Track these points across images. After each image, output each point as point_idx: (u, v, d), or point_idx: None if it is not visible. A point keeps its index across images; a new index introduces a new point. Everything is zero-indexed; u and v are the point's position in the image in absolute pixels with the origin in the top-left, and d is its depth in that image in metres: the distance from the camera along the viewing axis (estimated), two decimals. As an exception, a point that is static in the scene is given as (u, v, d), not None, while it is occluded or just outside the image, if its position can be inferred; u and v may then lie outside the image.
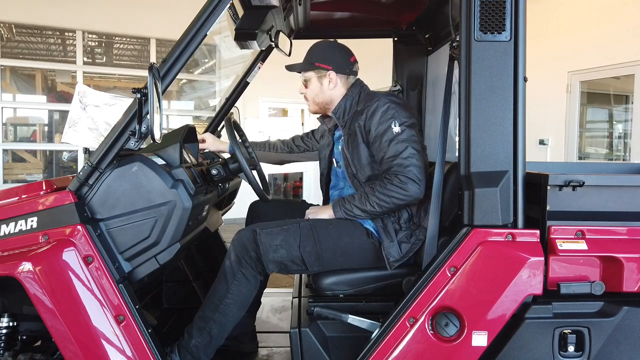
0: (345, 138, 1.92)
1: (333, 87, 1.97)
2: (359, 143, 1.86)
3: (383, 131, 1.78)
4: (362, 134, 1.85)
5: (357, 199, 1.81)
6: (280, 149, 2.45)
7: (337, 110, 1.98)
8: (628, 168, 2.34)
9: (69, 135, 2.42)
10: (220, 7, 1.54)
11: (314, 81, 1.99)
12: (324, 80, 1.97)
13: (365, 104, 1.87)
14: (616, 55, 5.64)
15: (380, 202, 1.75)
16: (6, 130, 7.38)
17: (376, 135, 1.80)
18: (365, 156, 1.86)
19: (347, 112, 1.96)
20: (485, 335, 1.50)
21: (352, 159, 1.89)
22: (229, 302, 1.76)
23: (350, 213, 1.82)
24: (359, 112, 1.88)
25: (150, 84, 1.40)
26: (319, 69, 1.97)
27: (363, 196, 1.79)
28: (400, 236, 1.79)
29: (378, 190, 1.75)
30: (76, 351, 1.50)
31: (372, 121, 1.80)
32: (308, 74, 2.00)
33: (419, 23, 2.38)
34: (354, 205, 1.81)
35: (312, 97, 2.02)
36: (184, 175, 1.63)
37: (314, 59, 1.98)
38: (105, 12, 7.03)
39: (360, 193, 1.82)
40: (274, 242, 1.75)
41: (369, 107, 1.83)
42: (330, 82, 1.97)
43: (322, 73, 1.97)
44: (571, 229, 1.56)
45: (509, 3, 1.52)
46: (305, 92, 2.05)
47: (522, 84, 1.53)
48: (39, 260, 1.49)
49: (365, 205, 1.78)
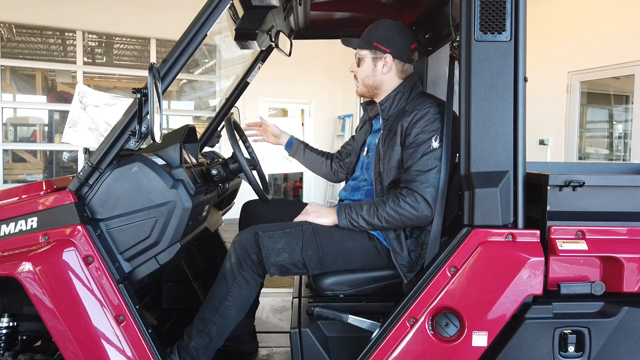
0: (384, 134, 1.84)
1: (387, 72, 1.87)
2: (396, 144, 1.77)
3: (422, 141, 1.70)
4: (401, 135, 1.76)
5: (365, 211, 1.73)
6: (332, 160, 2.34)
7: (384, 102, 1.88)
8: (628, 168, 2.34)
9: (69, 135, 2.42)
10: (220, 7, 1.54)
11: (367, 61, 1.88)
12: (379, 62, 1.87)
13: (415, 106, 1.77)
14: (616, 55, 5.63)
15: (389, 217, 1.69)
16: (6, 130, 7.38)
17: (413, 141, 1.72)
18: (397, 159, 1.77)
19: (394, 107, 1.87)
20: (486, 335, 1.50)
21: (383, 156, 1.81)
22: (229, 304, 1.75)
23: (355, 223, 1.75)
24: (405, 112, 1.79)
25: (150, 84, 1.40)
26: (377, 49, 1.86)
27: (372, 208, 1.72)
28: (409, 244, 1.75)
29: (390, 206, 1.68)
30: (76, 351, 1.50)
31: (415, 127, 1.72)
32: (363, 52, 1.88)
33: (419, 23, 2.38)
34: (360, 216, 1.74)
35: (362, 77, 1.91)
36: (184, 175, 1.63)
37: (373, 38, 1.86)
38: (105, 12, 7.03)
39: (369, 204, 1.74)
40: (276, 245, 1.74)
41: (418, 112, 1.74)
42: (385, 65, 1.86)
43: (379, 54, 1.86)
44: (571, 229, 1.56)
45: (509, 3, 1.52)
46: (355, 71, 1.93)
47: (522, 84, 1.53)
48: (39, 261, 1.49)
49: (373, 219, 1.71)
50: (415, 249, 1.75)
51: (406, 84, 1.89)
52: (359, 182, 2.01)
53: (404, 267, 1.72)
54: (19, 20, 6.92)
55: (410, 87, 1.89)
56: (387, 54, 1.86)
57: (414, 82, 1.92)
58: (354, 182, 2.03)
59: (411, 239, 1.76)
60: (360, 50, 1.90)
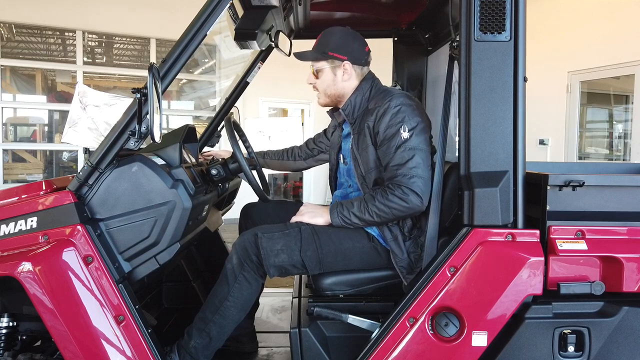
0: (355, 137, 1.83)
1: (347, 79, 1.85)
2: (368, 145, 1.76)
3: (391, 135, 1.69)
4: (371, 135, 1.75)
5: (356, 207, 1.73)
6: (297, 157, 2.37)
7: (346, 107, 1.86)
8: (628, 168, 2.34)
9: (69, 135, 2.41)
10: (220, 7, 1.54)
11: (326, 72, 1.86)
12: (338, 71, 1.85)
13: (377, 103, 1.76)
14: (616, 55, 5.64)
15: (380, 212, 1.68)
16: (6, 130, 7.38)
17: (384, 138, 1.71)
18: (373, 159, 1.77)
19: (357, 109, 1.85)
20: (485, 335, 1.50)
21: (361, 159, 1.80)
22: (230, 304, 1.75)
23: (347, 220, 1.75)
24: (369, 111, 1.78)
25: (150, 84, 1.40)
26: (334, 58, 1.84)
27: (362, 204, 1.72)
28: (408, 246, 1.75)
29: (379, 200, 1.68)
30: (76, 351, 1.50)
31: (382, 123, 1.71)
32: (320, 64, 1.86)
33: (419, 23, 2.38)
34: (352, 213, 1.74)
35: (323, 88, 1.89)
36: (183, 175, 1.63)
37: (328, 48, 1.83)
38: (105, 12, 7.03)
39: (359, 200, 1.74)
40: (275, 246, 1.74)
41: (380, 107, 1.73)
42: (345, 73, 1.84)
43: (337, 63, 1.84)
44: (571, 229, 1.56)
45: (509, 3, 1.52)
46: (314, 83, 1.91)
47: (522, 84, 1.53)
48: (39, 260, 1.49)
49: (364, 214, 1.71)
50: (414, 250, 1.75)
51: (364, 84, 1.88)
52: (345, 190, 2.01)
53: (403, 269, 1.72)
54: (19, 20, 6.92)
55: (370, 86, 1.88)
56: (346, 61, 1.84)
57: (372, 80, 1.90)
58: (340, 191, 2.03)
59: (410, 241, 1.76)
60: (317, 62, 1.87)
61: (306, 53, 1.88)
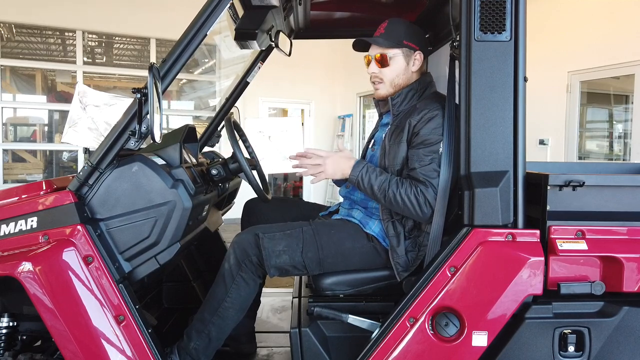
0: (392, 129, 1.82)
1: (416, 69, 1.86)
2: (402, 141, 1.75)
3: (430, 143, 1.68)
4: (408, 132, 1.74)
5: (380, 181, 1.70)
6: None
7: (396, 97, 1.85)
8: (628, 168, 2.34)
9: (69, 135, 2.41)
10: (220, 7, 1.54)
11: (398, 60, 1.83)
12: (410, 60, 1.85)
13: (427, 105, 1.74)
14: (616, 55, 5.63)
15: (394, 200, 1.67)
16: (6, 130, 7.38)
17: (421, 142, 1.69)
18: (402, 157, 1.75)
19: (405, 103, 1.85)
20: (485, 335, 1.50)
21: (389, 152, 1.79)
22: (228, 305, 1.75)
23: (362, 183, 1.72)
24: (416, 109, 1.76)
25: (150, 84, 1.40)
26: (408, 48, 1.84)
27: (386, 183, 1.69)
28: (407, 244, 1.75)
29: (404, 191, 1.66)
30: (76, 351, 1.50)
31: (425, 127, 1.69)
32: (393, 51, 1.83)
33: (419, 23, 2.37)
34: (370, 182, 1.71)
35: (391, 78, 1.85)
36: (184, 175, 1.63)
37: (402, 37, 1.83)
38: (105, 12, 7.04)
39: (386, 177, 1.71)
40: (277, 247, 1.73)
41: (429, 111, 1.71)
42: (415, 63, 1.85)
43: (409, 53, 1.84)
44: (571, 229, 1.56)
45: (509, 3, 1.52)
46: (377, 72, 1.87)
47: (522, 84, 1.53)
48: (39, 260, 1.49)
49: (379, 191, 1.69)
50: (412, 249, 1.75)
51: (420, 81, 1.88)
52: None
53: (399, 266, 1.73)
54: (19, 20, 6.92)
55: (425, 86, 1.88)
56: (418, 51, 1.85)
57: (429, 80, 1.91)
58: None
59: (409, 240, 1.76)
60: (391, 49, 1.84)
61: (380, 39, 1.84)
